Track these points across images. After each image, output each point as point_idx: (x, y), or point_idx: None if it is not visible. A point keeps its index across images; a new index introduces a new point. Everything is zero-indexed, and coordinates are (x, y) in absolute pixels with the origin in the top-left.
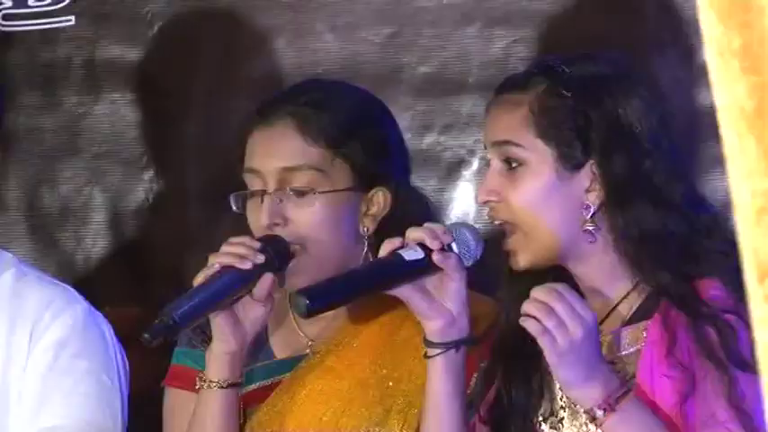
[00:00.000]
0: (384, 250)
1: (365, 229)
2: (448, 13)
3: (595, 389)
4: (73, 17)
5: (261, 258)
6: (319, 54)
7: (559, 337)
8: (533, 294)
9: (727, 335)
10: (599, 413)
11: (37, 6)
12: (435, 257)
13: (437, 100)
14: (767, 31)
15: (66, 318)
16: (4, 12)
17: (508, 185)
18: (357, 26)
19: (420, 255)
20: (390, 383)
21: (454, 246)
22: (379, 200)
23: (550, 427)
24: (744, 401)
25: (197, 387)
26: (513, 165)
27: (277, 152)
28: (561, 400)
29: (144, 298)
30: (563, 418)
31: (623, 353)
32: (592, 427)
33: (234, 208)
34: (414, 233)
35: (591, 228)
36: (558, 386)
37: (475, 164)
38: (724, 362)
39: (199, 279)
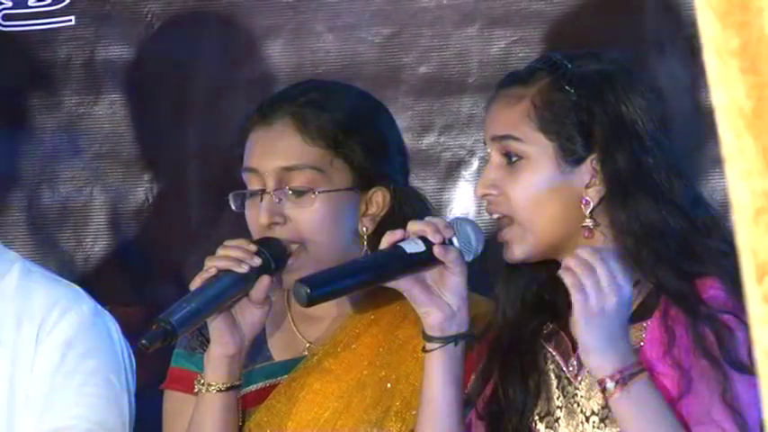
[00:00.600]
0: (385, 242)
1: (364, 228)
2: (448, 14)
3: (612, 360)
4: (73, 17)
5: (257, 261)
6: (319, 54)
7: (593, 297)
8: (577, 252)
9: (725, 336)
10: (610, 384)
11: (37, 6)
12: (436, 251)
13: (437, 100)
14: (765, 31)
15: (73, 317)
16: (4, 12)
17: (508, 179)
18: (357, 26)
19: (421, 248)
20: (388, 385)
21: (455, 240)
22: (378, 200)
23: (546, 427)
24: (739, 402)
25: (195, 390)
26: (514, 159)
27: (276, 152)
28: (558, 399)
29: (144, 298)
30: (559, 418)
31: None
32: (588, 426)
33: (233, 207)
34: (415, 226)
35: (590, 224)
36: (554, 385)
37: (474, 164)
38: (720, 362)
39: (196, 283)
